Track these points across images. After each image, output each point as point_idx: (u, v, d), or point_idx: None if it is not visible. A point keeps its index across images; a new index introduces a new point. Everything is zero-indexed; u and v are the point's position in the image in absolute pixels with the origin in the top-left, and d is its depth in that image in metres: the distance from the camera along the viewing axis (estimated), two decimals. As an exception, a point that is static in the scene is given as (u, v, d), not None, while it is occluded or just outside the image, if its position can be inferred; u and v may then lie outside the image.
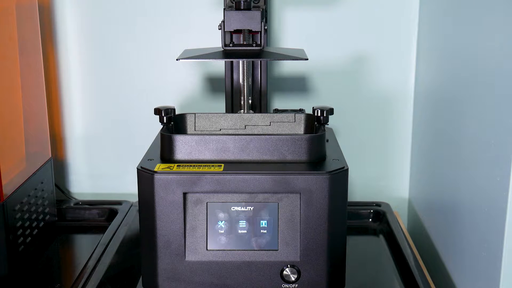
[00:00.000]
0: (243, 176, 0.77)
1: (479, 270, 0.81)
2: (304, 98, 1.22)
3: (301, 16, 1.18)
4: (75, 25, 1.20)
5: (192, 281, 0.79)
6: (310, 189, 0.77)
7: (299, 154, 0.80)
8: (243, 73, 1.01)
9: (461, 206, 0.90)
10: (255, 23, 0.90)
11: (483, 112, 0.81)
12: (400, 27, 1.18)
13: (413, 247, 1.03)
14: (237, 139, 0.80)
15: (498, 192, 0.73)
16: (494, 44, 0.78)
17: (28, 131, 1.01)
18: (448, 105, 0.98)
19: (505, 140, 0.72)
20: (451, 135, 0.96)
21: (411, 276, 0.92)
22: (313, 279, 0.79)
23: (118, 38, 1.20)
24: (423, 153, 1.15)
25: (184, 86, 1.22)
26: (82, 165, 1.27)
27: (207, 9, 1.17)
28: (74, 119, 1.25)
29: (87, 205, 1.19)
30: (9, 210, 0.91)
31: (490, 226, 0.76)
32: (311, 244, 0.78)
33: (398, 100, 1.22)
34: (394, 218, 1.12)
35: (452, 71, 0.96)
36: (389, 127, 1.23)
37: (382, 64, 1.20)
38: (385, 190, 1.26)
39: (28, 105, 1.01)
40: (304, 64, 1.20)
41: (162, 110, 0.87)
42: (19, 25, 0.97)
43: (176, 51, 1.01)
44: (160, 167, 0.79)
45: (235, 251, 0.79)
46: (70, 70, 1.22)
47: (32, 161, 1.02)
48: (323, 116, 0.88)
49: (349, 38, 1.19)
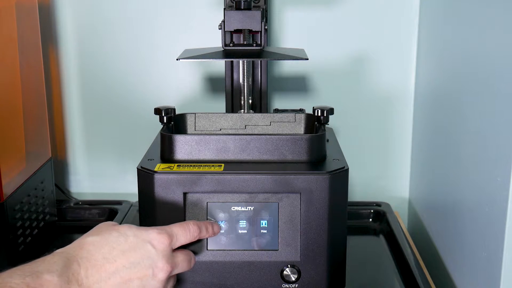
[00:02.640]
0: (243, 176, 0.77)
1: (480, 270, 0.81)
2: (304, 98, 1.22)
3: (301, 16, 1.18)
4: (75, 25, 1.20)
5: (192, 281, 0.79)
6: (310, 189, 0.77)
7: (299, 154, 0.80)
8: (243, 73, 1.01)
9: (461, 206, 0.90)
10: (255, 23, 0.90)
11: (483, 112, 0.81)
12: (400, 27, 1.18)
13: (413, 247, 1.03)
14: (237, 139, 0.80)
15: (499, 192, 0.73)
16: (494, 44, 0.78)
17: (28, 131, 1.01)
18: (448, 105, 0.98)
19: (505, 140, 0.72)
20: (451, 135, 0.96)
21: (411, 276, 0.92)
22: (313, 279, 0.79)
23: (118, 38, 1.20)
24: (423, 153, 1.15)
25: (184, 86, 1.22)
26: (82, 165, 1.27)
27: (207, 9, 1.17)
28: (74, 119, 1.25)
29: (87, 205, 1.19)
30: (9, 210, 0.91)
31: (491, 226, 0.76)
32: (311, 244, 0.78)
33: (399, 100, 1.22)
34: (394, 218, 1.12)
35: (452, 71, 0.96)
36: (389, 127, 1.23)
37: (383, 64, 1.20)
38: (385, 190, 1.26)
39: (28, 105, 1.01)
40: (304, 64, 1.19)
41: (162, 110, 0.87)
42: (19, 25, 0.97)
43: (176, 51, 1.01)
44: (160, 167, 0.78)
45: (235, 251, 0.79)
46: (70, 70, 1.22)
47: (32, 161, 1.02)
48: (323, 116, 0.88)
49: (349, 38, 1.19)
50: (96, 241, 0.67)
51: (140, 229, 0.70)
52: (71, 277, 0.62)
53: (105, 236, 0.68)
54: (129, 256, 0.67)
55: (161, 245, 0.69)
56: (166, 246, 0.69)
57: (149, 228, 0.70)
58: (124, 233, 0.68)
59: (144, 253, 0.68)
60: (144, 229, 0.70)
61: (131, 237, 0.68)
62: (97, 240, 0.67)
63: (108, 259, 0.66)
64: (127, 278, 0.66)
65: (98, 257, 0.65)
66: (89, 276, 0.64)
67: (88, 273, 0.64)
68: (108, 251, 0.66)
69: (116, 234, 0.68)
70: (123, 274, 0.66)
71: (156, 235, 0.69)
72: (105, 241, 0.67)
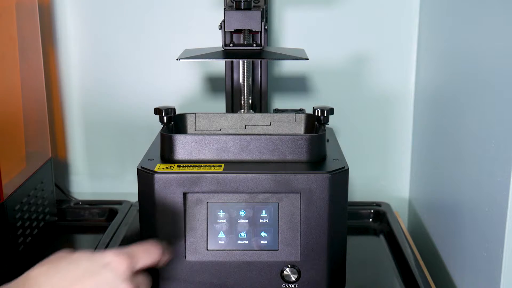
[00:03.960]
0: (243, 176, 0.77)
1: (480, 270, 0.81)
2: (304, 98, 1.22)
3: (301, 16, 1.18)
4: (75, 25, 1.20)
5: (192, 281, 0.79)
6: (310, 189, 0.77)
7: (299, 154, 0.80)
8: (243, 73, 1.01)
9: (461, 206, 0.90)
10: (255, 23, 0.90)
11: (483, 112, 0.81)
12: (400, 27, 1.18)
13: (413, 247, 1.03)
14: (237, 139, 0.80)
15: (499, 192, 0.73)
16: (494, 43, 0.77)
17: (28, 131, 1.01)
18: (449, 105, 0.98)
19: (506, 140, 0.72)
20: (452, 135, 0.96)
21: (412, 276, 0.92)
22: (313, 279, 0.79)
23: (118, 38, 1.20)
24: (424, 153, 1.15)
25: (184, 86, 1.22)
26: (82, 165, 1.27)
27: (207, 9, 1.17)
28: (74, 119, 1.25)
29: (87, 205, 1.19)
30: (9, 210, 0.91)
31: (491, 226, 0.76)
32: (311, 244, 0.78)
33: (399, 100, 1.22)
34: (394, 218, 1.12)
35: (453, 71, 0.96)
36: (389, 127, 1.23)
37: (383, 64, 1.20)
38: (386, 190, 1.26)
39: (28, 105, 1.01)
40: (304, 64, 1.19)
41: (162, 110, 0.87)
42: (19, 25, 0.97)
43: (176, 51, 1.01)
44: (160, 167, 0.78)
45: (235, 251, 0.79)
46: (70, 70, 1.22)
47: (32, 161, 1.02)
48: (323, 116, 0.88)
49: (349, 38, 1.19)
50: (44, 272, 0.62)
51: (95, 254, 0.64)
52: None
53: (54, 265, 0.63)
54: (84, 284, 0.61)
55: (120, 266, 0.64)
56: (126, 268, 0.64)
57: (106, 251, 0.65)
58: (75, 260, 0.63)
59: (101, 279, 0.62)
60: (100, 253, 0.64)
61: (85, 262, 0.63)
62: (44, 271, 0.62)
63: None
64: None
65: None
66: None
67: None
68: (57, 282, 0.61)
69: (66, 262, 0.63)
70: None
71: (113, 257, 0.64)
72: (54, 269, 0.62)
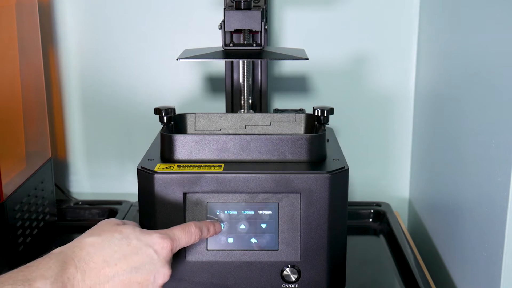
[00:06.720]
0: (243, 176, 0.77)
1: (480, 270, 0.81)
2: (304, 98, 1.22)
3: (301, 16, 1.18)
4: (75, 24, 1.20)
5: (193, 281, 0.79)
6: (310, 189, 0.77)
7: (299, 154, 0.80)
8: (243, 73, 1.01)
9: (461, 206, 0.90)
10: (255, 23, 0.90)
11: (483, 112, 0.81)
12: (400, 27, 1.18)
13: (413, 247, 1.03)
14: (237, 139, 0.80)
15: (499, 192, 0.73)
16: (494, 44, 0.77)
17: (28, 131, 1.01)
18: (449, 105, 0.98)
19: (505, 140, 0.72)
20: (452, 135, 0.96)
21: (412, 276, 0.92)
22: (313, 279, 0.79)
23: (118, 38, 1.20)
24: (424, 153, 1.15)
25: (184, 86, 1.22)
26: (82, 165, 1.27)
27: (207, 9, 1.17)
28: (74, 119, 1.25)
29: (87, 205, 1.19)
30: (9, 210, 0.91)
31: (491, 226, 0.76)
32: (311, 244, 0.78)
33: (399, 100, 1.22)
34: (394, 218, 1.12)
35: (452, 71, 0.96)
36: (389, 127, 1.23)
37: (383, 64, 1.20)
38: (386, 190, 1.26)
39: (28, 105, 1.01)
40: (304, 64, 1.19)
41: (162, 110, 0.87)
42: (19, 25, 0.97)
43: (176, 51, 1.01)
44: (160, 167, 0.78)
45: (235, 251, 0.79)
46: (70, 70, 1.22)
47: (32, 161, 1.02)
48: (323, 116, 0.88)
49: (349, 38, 1.19)
50: (97, 242, 0.66)
51: (143, 233, 0.69)
52: (66, 282, 0.61)
53: (107, 238, 0.66)
54: (130, 260, 0.66)
55: (163, 250, 0.68)
56: (168, 252, 0.69)
57: (152, 232, 0.69)
58: (127, 236, 0.67)
59: (146, 258, 0.67)
60: (147, 233, 0.69)
61: (134, 241, 0.67)
62: (98, 242, 0.66)
63: (109, 263, 0.65)
64: (127, 282, 0.65)
65: (98, 260, 0.64)
66: (86, 279, 0.63)
67: (85, 277, 0.63)
68: (109, 254, 0.65)
69: (119, 236, 0.67)
70: (123, 278, 0.65)
71: (158, 240, 0.68)
72: (107, 243, 0.66)
